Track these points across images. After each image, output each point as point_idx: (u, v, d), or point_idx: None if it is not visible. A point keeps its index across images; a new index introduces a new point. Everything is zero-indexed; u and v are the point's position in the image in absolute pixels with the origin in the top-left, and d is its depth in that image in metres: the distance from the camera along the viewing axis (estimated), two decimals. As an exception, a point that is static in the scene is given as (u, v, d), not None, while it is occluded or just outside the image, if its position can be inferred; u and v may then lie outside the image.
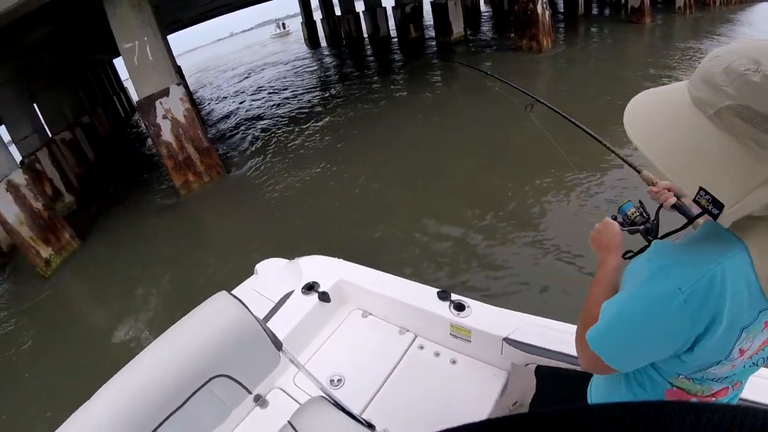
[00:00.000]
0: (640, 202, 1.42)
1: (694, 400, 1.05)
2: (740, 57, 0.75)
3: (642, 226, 1.35)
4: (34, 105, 11.68)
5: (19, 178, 8.05)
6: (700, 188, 0.77)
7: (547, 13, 14.76)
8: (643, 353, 0.97)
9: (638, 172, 1.58)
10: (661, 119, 0.85)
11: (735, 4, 22.01)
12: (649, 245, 1.10)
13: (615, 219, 1.38)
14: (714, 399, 1.08)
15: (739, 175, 0.76)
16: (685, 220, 1.23)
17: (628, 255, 1.19)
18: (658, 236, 1.28)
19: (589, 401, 1.30)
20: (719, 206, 0.76)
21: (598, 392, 1.30)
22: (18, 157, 9.21)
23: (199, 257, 7.24)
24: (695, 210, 1.23)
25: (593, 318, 1.02)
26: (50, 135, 12.02)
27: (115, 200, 10.81)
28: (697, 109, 0.81)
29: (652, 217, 1.37)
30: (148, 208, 9.81)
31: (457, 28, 19.17)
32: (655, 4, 21.92)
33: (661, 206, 1.40)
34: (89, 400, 1.31)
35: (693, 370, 1.00)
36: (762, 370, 1.54)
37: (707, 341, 0.89)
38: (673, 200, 1.38)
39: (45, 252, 8.19)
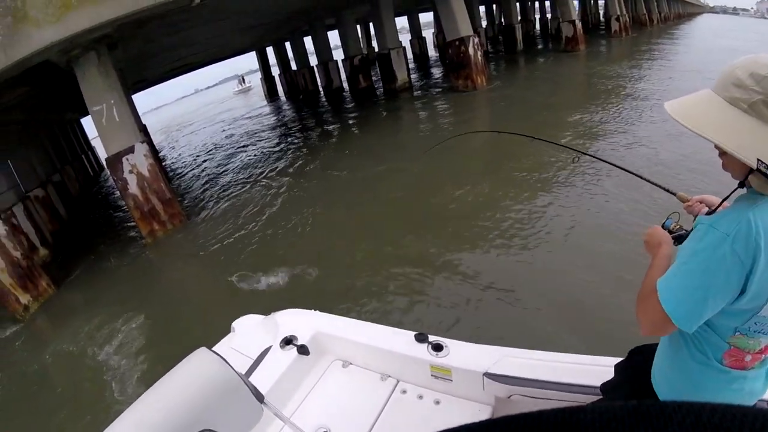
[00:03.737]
0: (677, 213, 1.62)
1: (748, 357, 1.25)
2: (760, 66, 1.06)
3: (683, 232, 1.52)
4: (8, 162, 12.41)
5: (0, 229, 8.87)
6: (758, 159, 1.03)
7: (479, 53, 16.24)
8: (707, 300, 1.13)
9: (673, 194, 1.78)
10: (705, 114, 1.13)
11: (673, 19, 23.06)
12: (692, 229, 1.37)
13: None
14: (763, 356, 1.27)
15: None
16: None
17: (677, 243, 1.46)
18: None
19: (653, 376, 1.49)
20: None
21: (662, 370, 1.46)
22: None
23: (165, 303, 7.84)
24: None
25: (651, 290, 1.23)
26: (24, 192, 12.68)
27: (87, 251, 11.50)
28: (732, 107, 1.09)
29: (690, 228, 1.49)
30: (117, 257, 10.48)
31: (401, 75, 20.58)
32: (593, 31, 23.29)
33: (695, 217, 1.54)
34: None
35: (746, 318, 1.18)
36: None
37: (754, 277, 1.09)
38: (705, 210, 1.57)
39: (24, 298, 8.86)
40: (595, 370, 1.96)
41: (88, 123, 28.05)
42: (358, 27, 27.76)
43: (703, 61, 14.55)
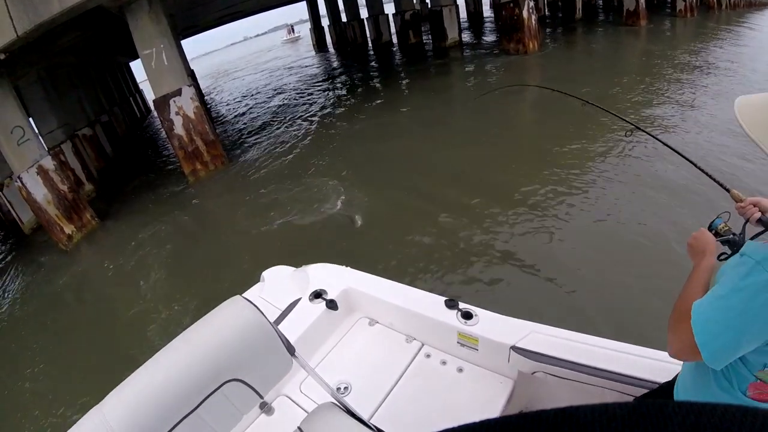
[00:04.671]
0: (728, 213, 1.55)
1: None
2: None
3: (731, 236, 1.46)
4: (59, 102, 12.81)
5: (48, 163, 9.20)
6: None
7: (533, 17, 15.56)
8: (740, 343, 1.04)
9: (727, 190, 1.67)
10: None
11: (743, 7, 21.59)
12: (738, 250, 1.26)
13: None
14: None
15: None
16: None
17: (722, 257, 1.35)
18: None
19: (675, 390, 1.42)
20: None
21: (685, 388, 1.37)
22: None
23: (202, 240, 8.12)
24: None
25: (684, 310, 1.14)
26: (73, 131, 13.14)
27: (131, 187, 11.99)
28: None
29: (740, 231, 1.48)
30: (160, 194, 10.92)
31: (452, 33, 20.10)
32: (658, 7, 22.09)
33: (747, 221, 1.49)
34: (103, 400, 1.33)
35: None
36: None
37: None
38: (758, 215, 1.46)
39: (68, 229, 9.34)
40: (623, 357, 1.91)
41: (137, 66, 28.81)
42: (412, -19, 27.04)
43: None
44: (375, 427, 1.75)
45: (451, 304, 2.43)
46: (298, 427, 1.70)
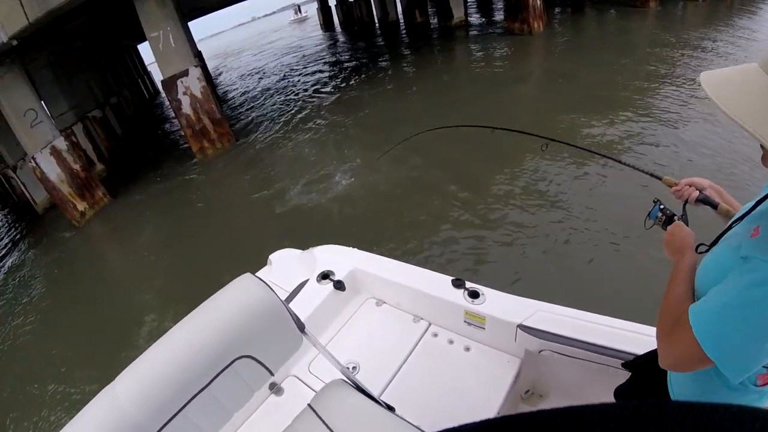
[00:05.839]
0: (658, 200, 1.50)
1: None
2: None
3: (675, 218, 1.43)
4: (69, 86, 13.14)
5: (61, 144, 9.56)
6: None
7: (538, -2, 15.49)
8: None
9: (659, 178, 1.64)
10: (746, 95, 0.89)
11: None
12: (717, 239, 1.18)
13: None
14: None
15: None
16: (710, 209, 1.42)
17: (701, 250, 1.22)
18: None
19: (671, 396, 1.29)
20: None
21: (682, 389, 1.26)
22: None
23: (210, 214, 8.45)
24: (718, 199, 1.43)
25: (674, 317, 1.03)
26: (83, 113, 13.53)
27: (141, 166, 12.32)
28: None
29: (680, 213, 1.44)
30: (169, 172, 11.28)
31: (458, 13, 19.96)
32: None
33: (686, 202, 1.47)
34: (114, 380, 1.33)
35: None
36: None
37: None
38: (696, 194, 1.45)
39: (81, 206, 9.77)
40: (630, 335, 1.89)
41: (144, 49, 28.91)
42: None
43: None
44: (385, 403, 1.76)
45: (458, 283, 2.43)
46: (309, 405, 1.72)
